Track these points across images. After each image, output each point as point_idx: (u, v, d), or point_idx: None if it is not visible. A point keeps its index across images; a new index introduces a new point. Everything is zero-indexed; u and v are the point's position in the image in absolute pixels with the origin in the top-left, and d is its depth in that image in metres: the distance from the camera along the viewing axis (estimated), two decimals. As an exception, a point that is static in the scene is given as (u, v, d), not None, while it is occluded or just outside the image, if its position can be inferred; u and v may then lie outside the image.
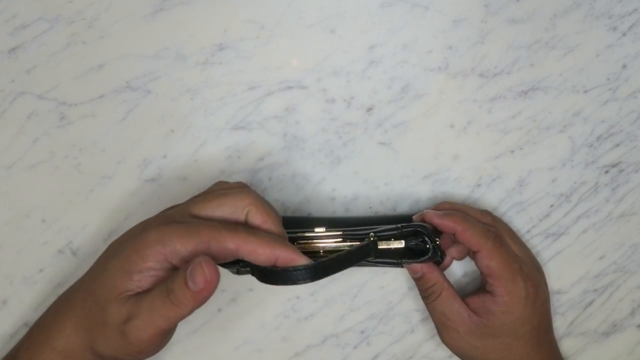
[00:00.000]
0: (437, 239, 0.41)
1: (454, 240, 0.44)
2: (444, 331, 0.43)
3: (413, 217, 0.43)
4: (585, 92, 0.47)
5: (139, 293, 0.34)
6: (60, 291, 0.48)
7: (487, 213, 0.45)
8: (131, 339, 0.33)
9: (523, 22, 0.46)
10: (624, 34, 0.47)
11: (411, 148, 0.48)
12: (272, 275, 0.34)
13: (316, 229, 0.41)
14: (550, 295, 0.50)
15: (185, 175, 0.48)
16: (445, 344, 0.44)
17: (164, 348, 0.49)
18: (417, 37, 0.46)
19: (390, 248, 0.40)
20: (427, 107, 0.47)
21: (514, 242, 0.44)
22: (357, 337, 0.50)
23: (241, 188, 0.38)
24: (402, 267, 0.42)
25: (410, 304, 0.49)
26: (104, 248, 0.48)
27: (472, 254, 0.43)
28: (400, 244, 0.40)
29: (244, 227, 0.35)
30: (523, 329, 0.41)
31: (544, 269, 0.49)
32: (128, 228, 0.50)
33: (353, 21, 0.46)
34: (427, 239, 0.40)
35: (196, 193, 0.48)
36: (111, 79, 0.46)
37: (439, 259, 0.41)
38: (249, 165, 0.48)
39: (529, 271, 0.42)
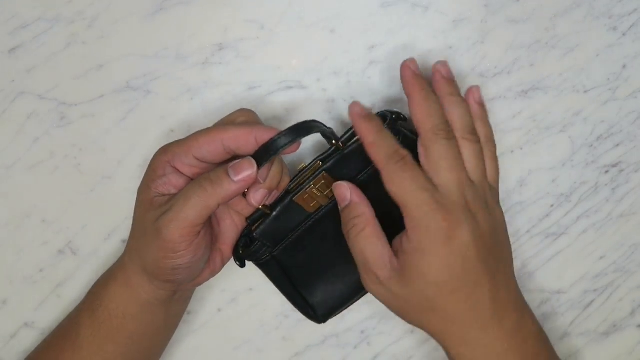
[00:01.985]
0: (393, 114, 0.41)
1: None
2: (364, 274, 0.38)
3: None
4: (585, 92, 0.47)
5: (165, 195, 0.38)
6: (60, 291, 0.49)
7: (466, 126, 0.39)
8: (164, 233, 0.36)
9: (523, 22, 0.46)
10: (624, 34, 0.47)
11: (411, 148, 0.48)
12: (259, 154, 0.38)
13: (298, 167, 0.41)
14: (550, 295, 0.50)
15: (185, 175, 0.48)
16: (367, 290, 0.39)
17: (165, 349, 0.49)
18: (417, 37, 0.46)
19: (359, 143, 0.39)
20: (427, 107, 0.47)
21: (448, 170, 0.36)
22: (357, 337, 0.50)
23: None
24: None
25: (410, 304, 0.49)
26: (104, 248, 0.49)
27: None
28: None
29: (228, 124, 0.40)
30: (441, 275, 0.35)
31: (544, 268, 0.49)
32: (128, 228, 0.50)
33: (353, 21, 0.46)
34: (387, 115, 0.40)
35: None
36: (111, 79, 0.46)
37: (401, 120, 0.41)
38: (249, 165, 0.48)
39: (448, 204, 0.35)
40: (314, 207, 0.41)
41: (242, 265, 0.42)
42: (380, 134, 0.37)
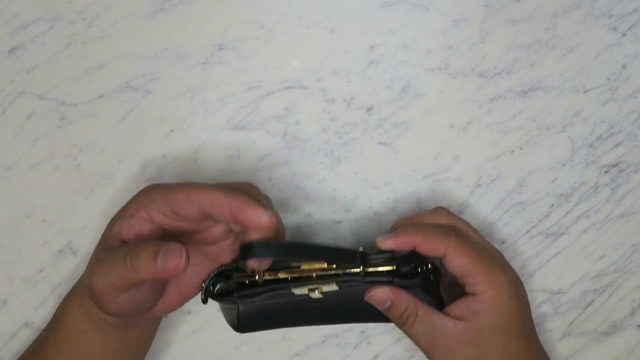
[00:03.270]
0: (429, 264, 0.39)
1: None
2: (434, 351, 0.40)
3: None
4: (585, 92, 0.47)
5: (119, 241, 0.37)
6: (60, 291, 0.49)
7: (439, 211, 0.43)
8: (91, 286, 0.35)
9: (523, 22, 0.46)
10: (624, 34, 0.47)
11: (411, 148, 0.48)
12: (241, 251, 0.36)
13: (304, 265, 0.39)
14: (550, 295, 0.50)
15: (185, 175, 0.48)
16: None
17: (164, 348, 0.49)
18: (417, 37, 0.46)
19: (379, 270, 0.38)
20: (427, 107, 0.47)
21: (477, 235, 0.42)
22: (357, 337, 0.50)
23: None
24: (395, 285, 0.39)
25: (410, 304, 0.49)
26: (104, 248, 0.48)
27: (441, 262, 0.40)
28: (390, 267, 0.38)
29: (216, 185, 0.37)
30: (514, 322, 0.39)
31: (544, 268, 0.49)
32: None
33: (353, 21, 0.46)
34: (418, 263, 0.39)
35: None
36: (111, 79, 0.46)
37: (430, 280, 0.39)
38: (249, 165, 0.48)
39: (502, 261, 0.41)
40: (303, 292, 0.40)
41: (205, 302, 0.40)
42: (422, 229, 0.39)
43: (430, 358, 0.40)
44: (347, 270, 0.38)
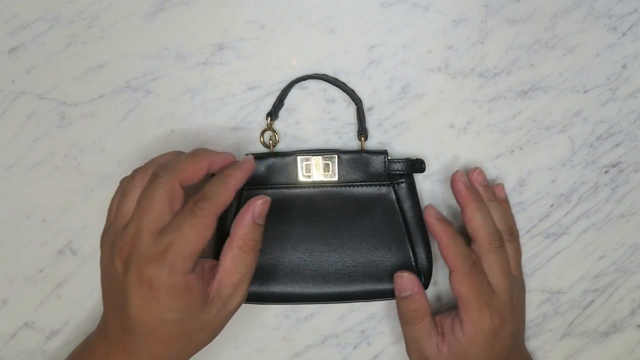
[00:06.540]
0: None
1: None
2: (415, 353, 0.44)
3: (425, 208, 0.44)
4: (585, 92, 0.47)
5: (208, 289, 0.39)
6: (60, 291, 0.49)
7: (507, 228, 0.45)
8: (176, 265, 0.36)
9: (523, 22, 0.46)
10: (624, 34, 0.47)
11: (411, 148, 0.48)
12: None
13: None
14: (550, 295, 0.50)
15: (185, 175, 0.48)
16: None
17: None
18: (417, 37, 0.46)
19: (376, 150, 0.44)
20: (427, 107, 0.47)
21: (501, 274, 0.43)
22: (357, 337, 0.50)
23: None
24: (390, 182, 0.44)
25: (410, 304, 0.49)
26: (104, 248, 0.48)
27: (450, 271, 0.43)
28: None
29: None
30: (486, 357, 0.42)
31: (544, 268, 0.49)
32: (128, 228, 0.49)
33: (353, 21, 0.46)
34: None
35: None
36: (111, 79, 0.46)
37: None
38: (249, 165, 0.48)
39: (499, 305, 0.42)
40: (304, 177, 0.44)
41: None
42: (454, 237, 0.42)
43: (407, 350, 0.45)
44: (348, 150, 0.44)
